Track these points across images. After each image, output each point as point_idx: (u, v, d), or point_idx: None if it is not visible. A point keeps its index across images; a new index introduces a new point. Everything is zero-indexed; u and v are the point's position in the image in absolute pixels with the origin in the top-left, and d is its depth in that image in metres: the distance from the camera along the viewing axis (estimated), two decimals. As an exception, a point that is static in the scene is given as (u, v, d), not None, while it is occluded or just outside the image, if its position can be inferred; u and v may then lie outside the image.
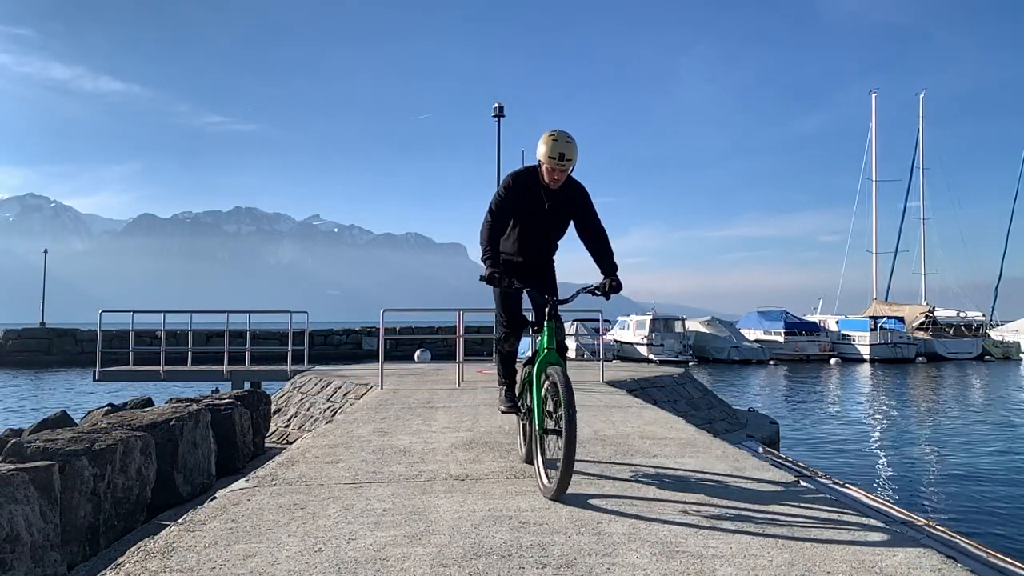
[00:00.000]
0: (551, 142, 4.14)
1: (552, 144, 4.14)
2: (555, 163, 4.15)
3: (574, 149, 4.17)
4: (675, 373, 13.83)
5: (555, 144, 4.13)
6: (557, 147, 4.13)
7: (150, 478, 5.77)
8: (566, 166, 4.19)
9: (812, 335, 46.75)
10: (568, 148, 4.14)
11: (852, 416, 20.36)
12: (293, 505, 3.74)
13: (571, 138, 4.18)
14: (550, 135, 4.17)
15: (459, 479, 4.36)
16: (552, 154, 4.14)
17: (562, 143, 4.14)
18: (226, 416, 7.90)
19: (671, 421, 7.05)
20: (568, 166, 4.20)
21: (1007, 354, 50.00)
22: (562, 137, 4.15)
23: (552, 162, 4.15)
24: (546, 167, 4.20)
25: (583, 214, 4.40)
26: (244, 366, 15.96)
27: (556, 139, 4.14)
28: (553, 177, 4.21)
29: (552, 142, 4.14)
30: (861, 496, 6.57)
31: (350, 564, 2.83)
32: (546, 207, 4.35)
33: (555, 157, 4.13)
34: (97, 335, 16.09)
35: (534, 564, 2.83)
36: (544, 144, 4.17)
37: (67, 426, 7.95)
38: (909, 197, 60.22)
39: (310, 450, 5.32)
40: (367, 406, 8.28)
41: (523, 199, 4.34)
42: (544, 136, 4.20)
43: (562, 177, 4.23)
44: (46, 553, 4.15)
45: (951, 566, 2.86)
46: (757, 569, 2.78)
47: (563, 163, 4.16)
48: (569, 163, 4.19)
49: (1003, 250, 60.21)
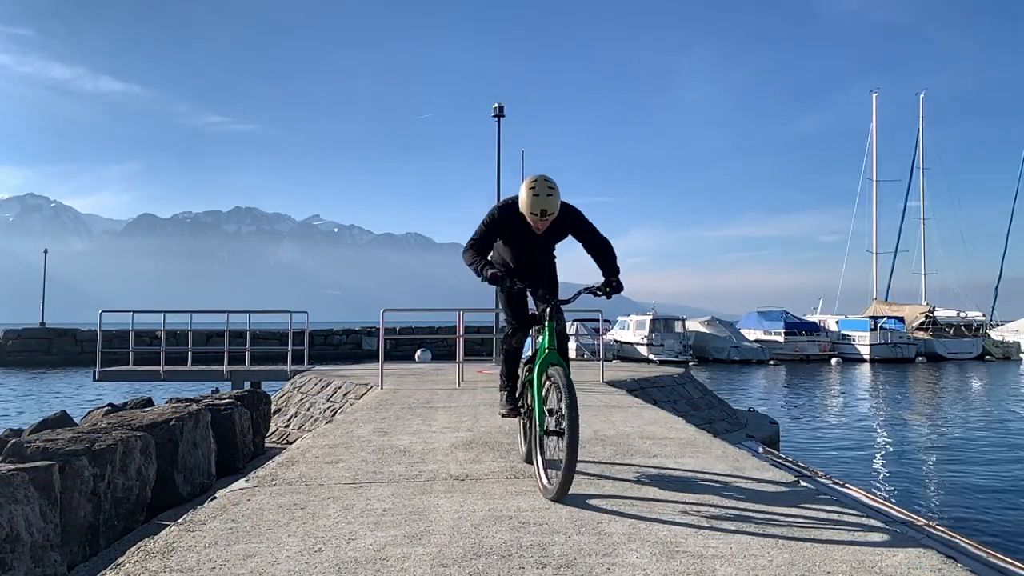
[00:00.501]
0: (532, 198, 4.02)
1: (533, 201, 4.02)
2: (537, 219, 4.08)
3: (555, 201, 4.04)
4: (675, 373, 13.83)
5: (535, 201, 4.02)
6: (538, 203, 4.02)
7: (150, 478, 5.77)
8: (548, 219, 4.10)
9: (812, 335, 46.76)
10: (548, 202, 4.02)
11: (852, 416, 20.36)
12: (293, 505, 3.74)
13: (552, 188, 4.04)
14: (530, 188, 4.04)
15: (459, 479, 4.36)
16: (534, 211, 4.05)
17: (543, 198, 4.01)
18: (226, 416, 7.90)
19: (671, 421, 7.05)
20: (551, 218, 4.10)
21: (1007, 354, 50.00)
22: (543, 191, 4.02)
23: (534, 218, 4.08)
24: (529, 220, 4.12)
25: (581, 233, 4.35)
26: (244, 366, 15.97)
27: (537, 194, 4.02)
28: (538, 226, 4.14)
29: (533, 198, 4.02)
30: (861, 496, 6.57)
31: (350, 564, 2.83)
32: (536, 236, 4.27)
33: (536, 214, 4.06)
34: (97, 335, 16.09)
35: (534, 564, 2.83)
36: (525, 197, 4.05)
37: (67, 426, 7.95)
38: (909, 197, 60.31)
39: (310, 450, 5.32)
40: (367, 406, 8.28)
41: (510, 230, 4.29)
42: (524, 187, 4.08)
43: (547, 224, 4.14)
44: (46, 553, 4.15)
45: (951, 566, 2.86)
46: (757, 569, 2.78)
47: (545, 218, 4.08)
48: (551, 216, 4.08)
49: (1003, 250, 60.28)
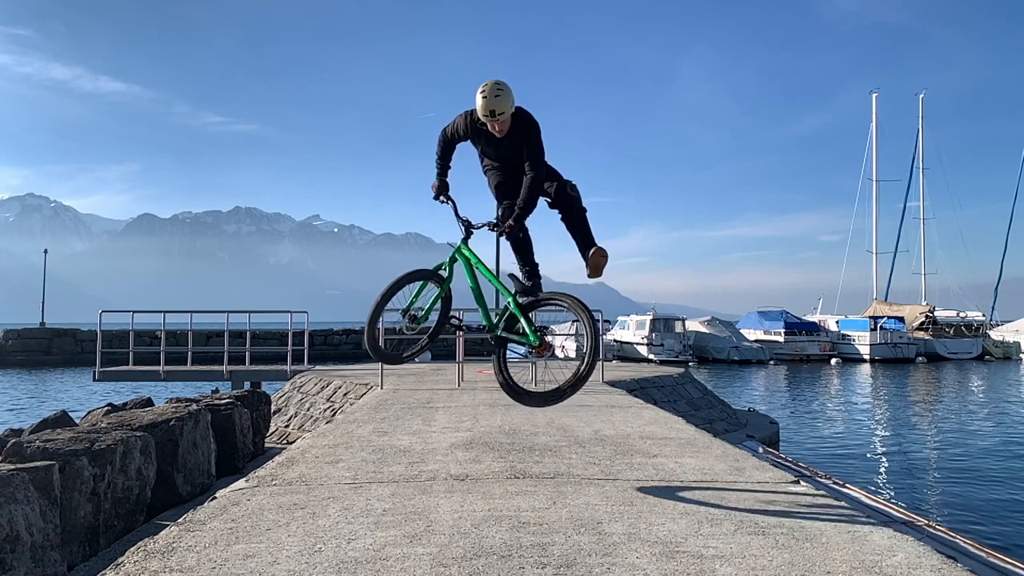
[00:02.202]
0: (481, 100, 4.22)
1: (483, 103, 4.22)
2: (490, 120, 4.27)
3: (505, 101, 4.21)
4: (675, 373, 13.83)
5: (484, 103, 4.21)
6: (487, 105, 4.21)
7: (150, 478, 5.77)
8: (501, 120, 4.27)
9: (812, 335, 46.77)
10: (497, 103, 4.20)
11: (852, 416, 20.36)
12: (293, 505, 3.73)
13: (502, 90, 4.21)
14: (480, 92, 4.23)
15: (459, 479, 4.36)
16: (484, 112, 4.24)
17: (491, 99, 4.20)
18: (226, 416, 7.90)
19: (671, 421, 7.05)
20: (503, 118, 4.27)
21: (1007, 354, 50.00)
22: (491, 92, 4.20)
23: (487, 119, 4.28)
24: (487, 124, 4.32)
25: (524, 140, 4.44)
26: (244, 366, 15.97)
27: (485, 96, 4.21)
28: (494, 128, 4.34)
29: (482, 100, 4.22)
30: (861, 496, 6.57)
31: (350, 564, 2.83)
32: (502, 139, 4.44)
33: (487, 115, 4.24)
34: (97, 335, 16.09)
35: (534, 564, 2.83)
36: (478, 102, 4.24)
37: (67, 426, 7.95)
38: (909, 197, 60.33)
39: (310, 450, 5.32)
40: (367, 406, 8.28)
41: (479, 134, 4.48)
42: (477, 93, 4.25)
43: (504, 127, 4.33)
44: (46, 553, 4.15)
45: (951, 566, 2.86)
46: (757, 569, 2.78)
47: (496, 119, 4.26)
48: (502, 115, 4.25)
49: (1003, 250, 60.32)
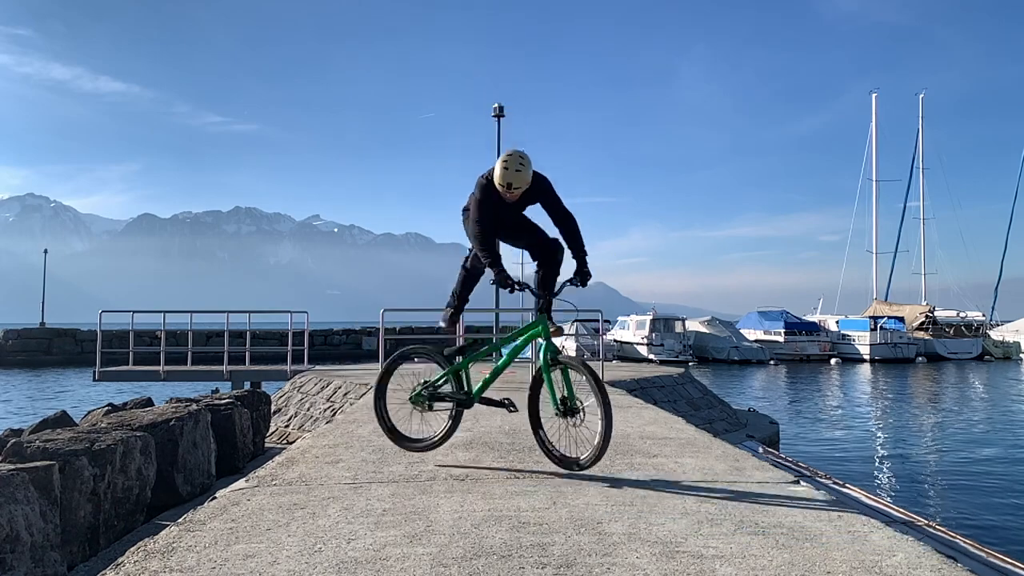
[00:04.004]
0: (503, 171, 4.41)
1: (503, 174, 4.41)
2: (505, 190, 4.47)
3: (524, 176, 4.43)
4: (675, 373, 13.83)
5: (505, 174, 4.41)
6: (507, 177, 4.41)
7: (150, 478, 5.77)
8: (517, 192, 4.48)
9: (812, 335, 46.76)
10: (517, 177, 4.41)
11: (852, 416, 20.37)
12: (293, 505, 3.73)
13: (523, 163, 4.42)
14: (502, 162, 4.43)
15: (459, 479, 4.36)
16: (503, 183, 4.44)
17: (512, 172, 4.40)
18: (226, 416, 7.90)
19: (671, 421, 7.05)
20: (519, 192, 4.48)
21: (1007, 354, 49.99)
22: (513, 165, 4.40)
23: (503, 189, 4.47)
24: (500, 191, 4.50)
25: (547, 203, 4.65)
26: (244, 366, 15.96)
27: (507, 168, 4.40)
28: (506, 196, 4.51)
29: (503, 171, 4.41)
30: (861, 496, 6.57)
31: (350, 564, 2.83)
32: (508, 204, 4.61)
33: (504, 186, 4.44)
34: (97, 335, 16.09)
35: (534, 564, 2.83)
36: (498, 171, 4.43)
37: (67, 426, 7.95)
38: (909, 197, 60.29)
39: (310, 450, 5.32)
40: (367, 406, 8.27)
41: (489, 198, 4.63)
42: (499, 161, 4.46)
43: (516, 196, 4.52)
44: (46, 553, 4.15)
45: (951, 566, 2.86)
46: (757, 569, 2.78)
47: (512, 191, 4.46)
48: (519, 190, 4.47)
49: (1003, 250, 60.29)
